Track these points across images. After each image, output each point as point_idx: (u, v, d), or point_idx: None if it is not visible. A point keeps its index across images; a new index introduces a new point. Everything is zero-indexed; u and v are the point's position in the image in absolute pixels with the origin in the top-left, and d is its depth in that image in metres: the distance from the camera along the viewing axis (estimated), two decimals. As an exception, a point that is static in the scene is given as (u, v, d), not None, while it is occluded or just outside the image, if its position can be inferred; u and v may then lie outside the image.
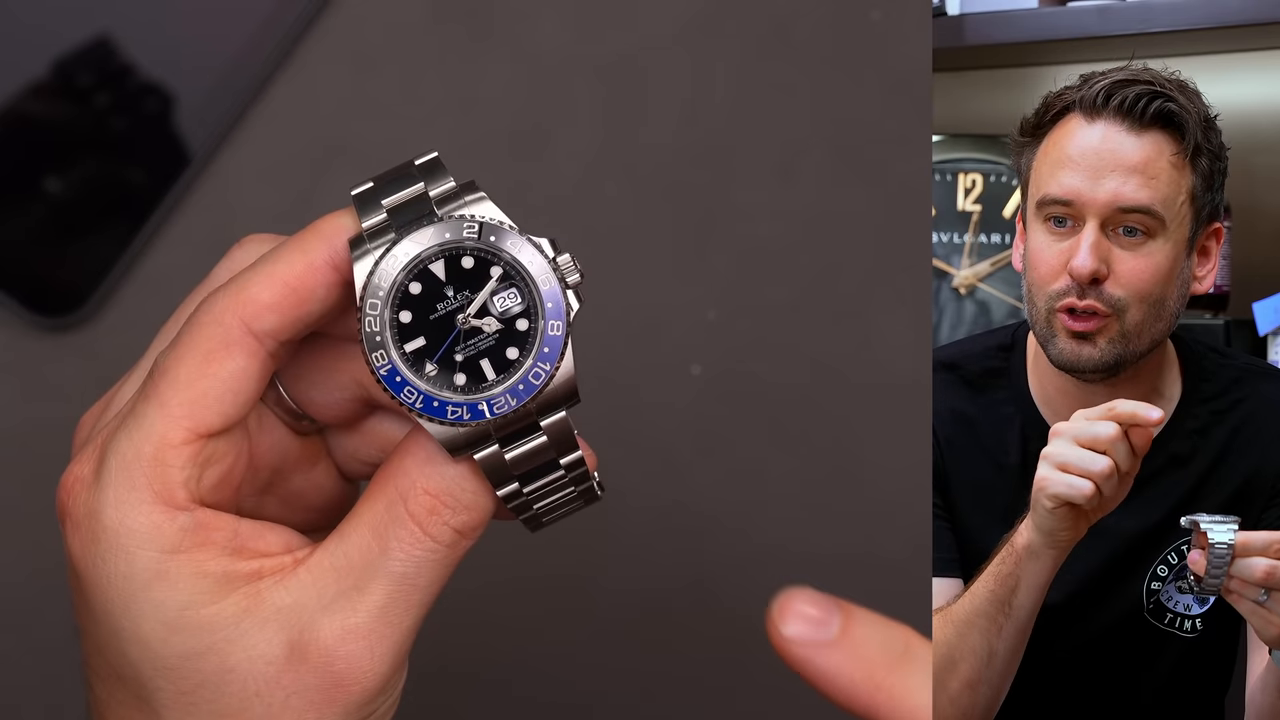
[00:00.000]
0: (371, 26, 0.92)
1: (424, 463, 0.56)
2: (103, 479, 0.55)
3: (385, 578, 0.55)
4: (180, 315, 0.59)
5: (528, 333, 0.55)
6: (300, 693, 0.55)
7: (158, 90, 0.89)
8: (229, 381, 0.55)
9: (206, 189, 0.90)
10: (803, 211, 0.93)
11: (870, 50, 0.94)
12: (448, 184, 0.56)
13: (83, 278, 0.89)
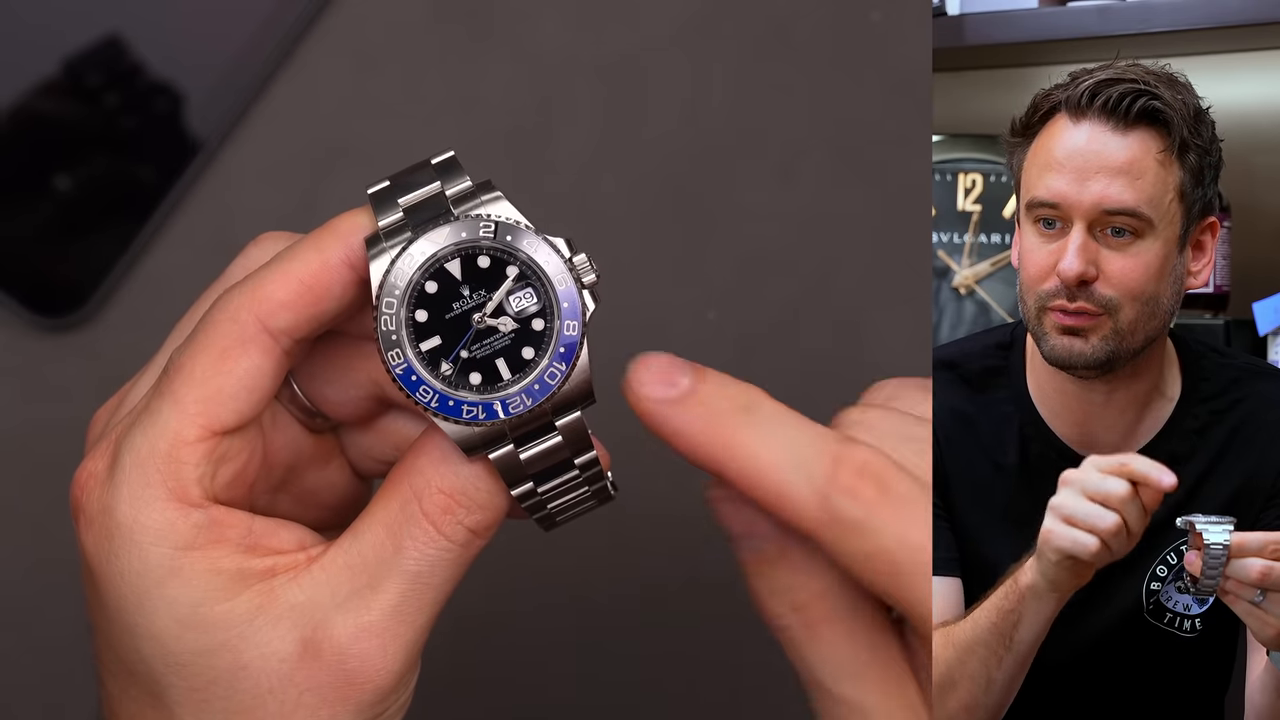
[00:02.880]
0: (372, 26, 0.92)
1: (439, 462, 0.56)
2: (117, 475, 0.55)
3: (399, 576, 0.56)
4: (195, 312, 0.59)
5: (543, 332, 0.55)
6: (313, 690, 0.55)
7: (164, 89, 0.89)
8: (244, 379, 0.56)
9: (208, 188, 0.90)
10: (803, 211, 0.93)
11: (870, 50, 0.94)
12: (464, 183, 0.56)
13: (84, 277, 0.89)
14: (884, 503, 0.55)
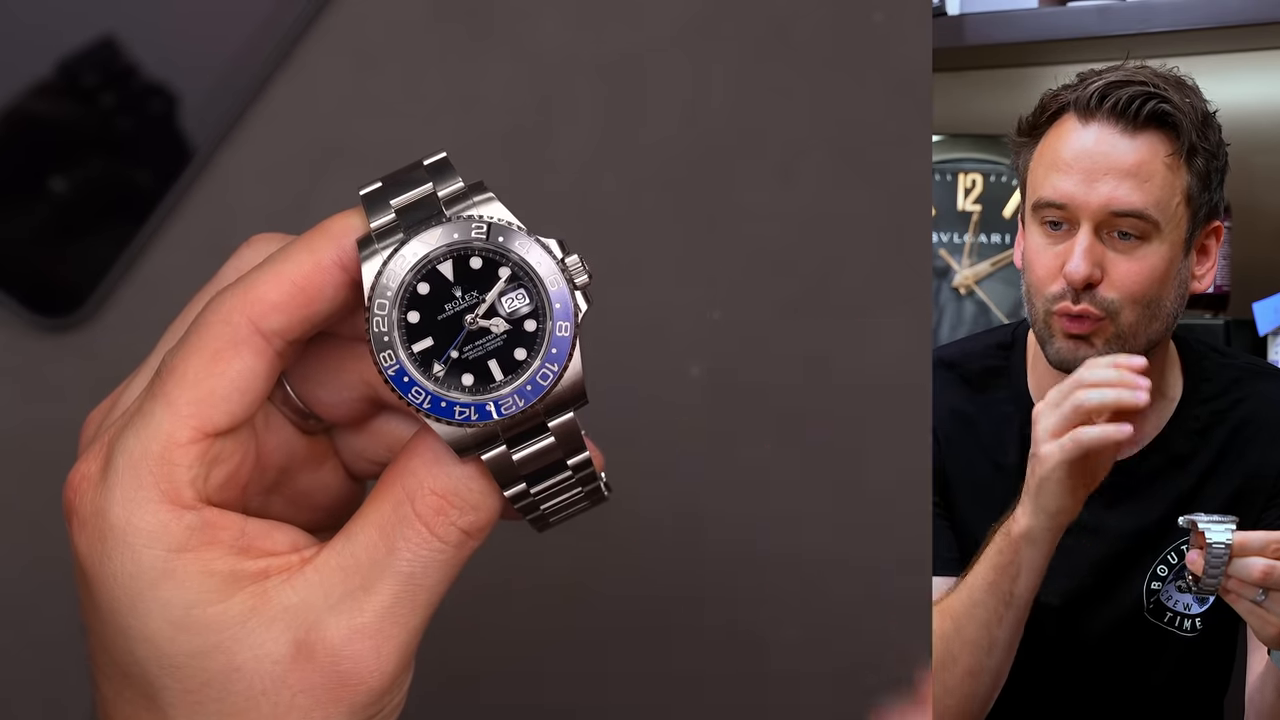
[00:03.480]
0: (372, 25, 0.92)
1: (431, 463, 0.56)
2: (110, 477, 0.55)
3: (392, 578, 0.55)
4: (188, 314, 0.59)
5: (536, 333, 0.55)
6: (307, 692, 0.55)
7: (160, 90, 0.89)
8: (236, 381, 0.56)
9: (206, 189, 0.90)
10: (803, 212, 0.93)
11: (871, 51, 0.94)
12: (456, 184, 0.56)
13: (82, 278, 0.89)
14: None
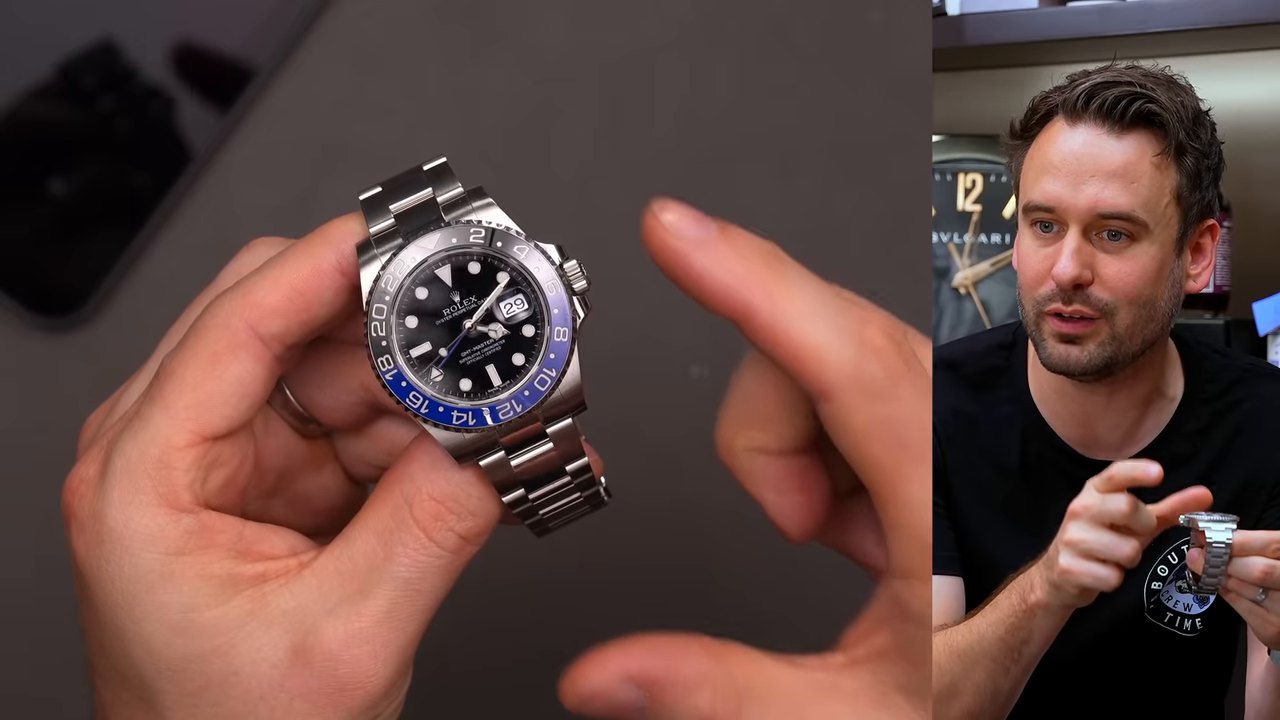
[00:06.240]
0: (372, 25, 0.92)
1: (429, 468, 0.56)
2: (108, 481, 0.55)
3: (390, 583, 0.55)
4: (187, 318, 0.59)
5: (534, 339, 0.55)
6: (304, 696, 0.55)
7: (160, 92, 0.89)
8: (234, 385, 0.56)
9: (207, 189, 0.90)
10: (803, 211, 0.93)
11: (870, 51, 0.94)
12: (455, 190, 0.56)
13: (83, 279, 0.89)
14: (906, 373, 0.54)
